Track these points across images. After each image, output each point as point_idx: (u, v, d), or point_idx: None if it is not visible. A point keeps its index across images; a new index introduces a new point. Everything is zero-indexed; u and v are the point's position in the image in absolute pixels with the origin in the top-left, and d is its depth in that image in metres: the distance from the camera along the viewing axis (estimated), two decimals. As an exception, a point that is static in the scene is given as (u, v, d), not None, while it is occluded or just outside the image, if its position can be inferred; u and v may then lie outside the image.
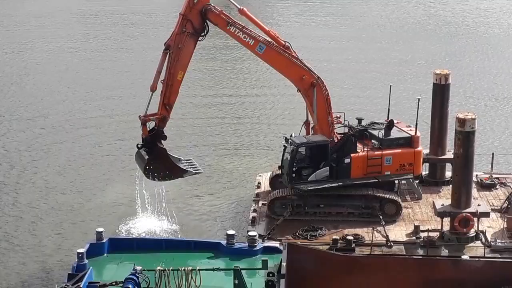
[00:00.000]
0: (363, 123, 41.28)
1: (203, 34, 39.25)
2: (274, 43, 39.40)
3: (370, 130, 40.42)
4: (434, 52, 78.87)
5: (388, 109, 40.83)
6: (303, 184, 38.65)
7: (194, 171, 40.49)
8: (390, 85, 41.35)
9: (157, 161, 39.25)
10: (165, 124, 39.49)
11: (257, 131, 58.00)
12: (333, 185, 38.75)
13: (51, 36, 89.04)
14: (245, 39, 39.20)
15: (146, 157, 39.21)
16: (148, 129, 39.30)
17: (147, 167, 39.02)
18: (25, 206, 45.88)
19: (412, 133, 40.05)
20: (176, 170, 39.75)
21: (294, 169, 38.88)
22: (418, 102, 39.62)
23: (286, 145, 39.48)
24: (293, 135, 40.29)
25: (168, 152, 40.04)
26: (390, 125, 40.12)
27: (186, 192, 46.77)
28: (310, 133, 40.70)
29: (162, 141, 39.66)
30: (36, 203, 46.23)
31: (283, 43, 39.59)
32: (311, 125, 40.76)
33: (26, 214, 44.95)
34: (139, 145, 39.75)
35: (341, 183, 38.82)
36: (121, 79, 71.70)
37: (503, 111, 61.89)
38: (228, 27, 39.03)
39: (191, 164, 40.96)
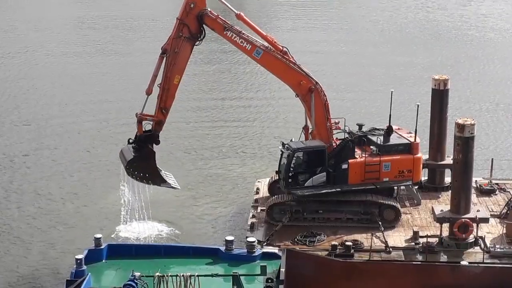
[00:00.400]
0: (364, 129, 41.21)
1: (199, 38, 39.27)
2: (272, 48, 39.37)
3: (369, 136, 40.34)
4: (432, 57, 78.88)
5: (390, 115, 40.73)
6: (299, 189, 38.62)
7: (172, 184, 40.31)
8: (392, 91, 41.24)
9: (143, 161, 39.21)
10: (161, 128, 39.49)
11: (256, 136, 57.94)
12: (329, 190, 38.70)
13: (48, 41, 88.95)
14: (242, 44, 39.20)
15: (133, 154, 39.20)
16: (144, 130, 39.32)
17: (131, 163, 38.95)
18: (22, 213, 45.76)
19: (412, 139, 39.96)
20: (156, 176, 39.64)
21: (290, 174, 38.83)
22: (418, 108, 39.47)
23: (283, 150, 39.46)
24: (293, 140, 40.27)
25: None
26: (389, 131, 40.05)
27: (185, 198, 46.70)
28: (309, 138, 40.66)
29: (155, 145, 39.61)
30: (34, 209, 46.11)
31: (281, 48, 39.54)
32: (310, 130, 40.73)
33: (23, 220, 44.81)
34: (130, 140, 39.68)
35: (338, 189, 38.76)
36: (117, 83, 71.63)
37: (502, 116, 61.87)
38: (225, 32, 39.04)
39: (169, 177, 40.83)
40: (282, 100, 62.70)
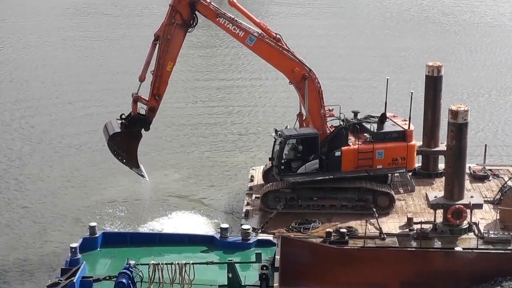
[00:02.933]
0: (359, 116, 41.19)
1: (192, 25, 39.18)
2: (265, 35, 39.30)
3: (363, 124, 40.36)
4: (426, 44, 78.82)
5: (385, 103, 40.78)
6: (292, 176, 38.68)
7: (143, 173, 40.36)
8: (387, 79, 41.21)
9: (128, 139, 39.32)
10: (154, 115, 39.55)
11: (250, 124, 57.87)
12: (321, 177, 38.76)
13: (40, 27, 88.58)
14: (235, 31, 39.14)
15: (117, 129, 39.20)
16: (138, 112, 39.33)
17: (116, 136, 39.00)
18: (16, 201, 45.69)
19: (406, 127, 39.98)
20: (133, 159, 39.78)
21: (283, 161, 38.90)
22: (411, 96, 39.52)
23: (276, 137, 39.51)
24: (288, 127, 40.30)
25: None
26: (383, 118, 40.07)
27: (179, 186, 46.70)
28: (303, 126, 40.67)
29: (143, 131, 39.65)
30: (28, 198, 46.05)
31: (274, 35, 39.51)
32: (304, 117, 40.74)
33: (17, 208, 44.75)
34: (123, 116, 39.61)
35: (331, 176, 38.82)
36: (110, 70, 71.33)
37: (495, 102, 61.95)
38: (217, 19, 38.98)
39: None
40: (278, 86, 62.62)
